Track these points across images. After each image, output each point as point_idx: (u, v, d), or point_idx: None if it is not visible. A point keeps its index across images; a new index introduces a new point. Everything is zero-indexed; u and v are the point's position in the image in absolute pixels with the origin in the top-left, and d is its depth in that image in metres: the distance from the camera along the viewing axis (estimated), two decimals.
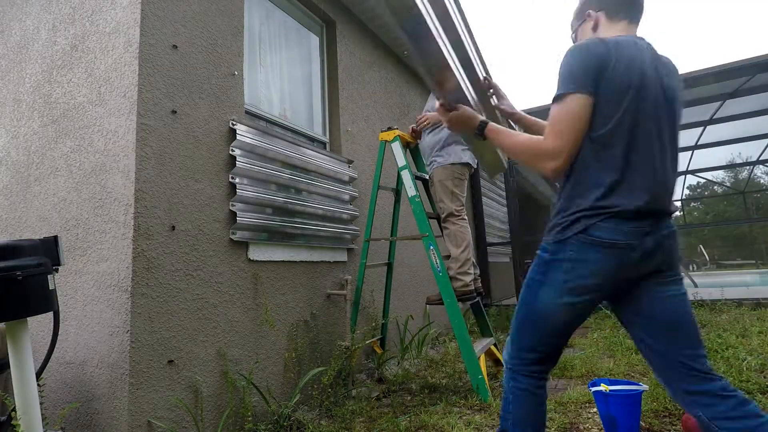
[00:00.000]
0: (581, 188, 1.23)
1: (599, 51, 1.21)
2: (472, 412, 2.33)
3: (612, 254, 1.17)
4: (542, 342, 1.29)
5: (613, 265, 1.18)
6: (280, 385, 2.50)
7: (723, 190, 20.23)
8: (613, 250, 1.17)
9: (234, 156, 2.39)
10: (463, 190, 2.95)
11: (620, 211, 1.17)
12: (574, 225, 1.21)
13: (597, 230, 1.18)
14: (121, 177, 1.93)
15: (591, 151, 1.22)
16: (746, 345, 3.21)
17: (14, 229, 2.37)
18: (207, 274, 2.16)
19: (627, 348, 3.40)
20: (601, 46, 1.22)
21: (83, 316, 1.95)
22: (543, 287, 1.26)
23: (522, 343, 1.31)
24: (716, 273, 12.95)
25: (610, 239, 1.17)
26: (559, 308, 1.24)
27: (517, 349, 1.32)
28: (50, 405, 1.95)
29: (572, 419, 2.12)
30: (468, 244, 2.85)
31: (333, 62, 3.66)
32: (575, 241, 1.20)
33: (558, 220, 1.27)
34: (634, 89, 1.20)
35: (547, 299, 1.25)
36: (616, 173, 1.19)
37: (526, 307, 1.31)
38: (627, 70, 1.20)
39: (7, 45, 2.67)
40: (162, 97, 2.05)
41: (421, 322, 4.31)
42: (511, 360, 1.33)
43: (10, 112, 2.54)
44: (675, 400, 1.33)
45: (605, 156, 1.21)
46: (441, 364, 3.34)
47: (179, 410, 1.93)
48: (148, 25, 2.03)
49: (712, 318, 4.52)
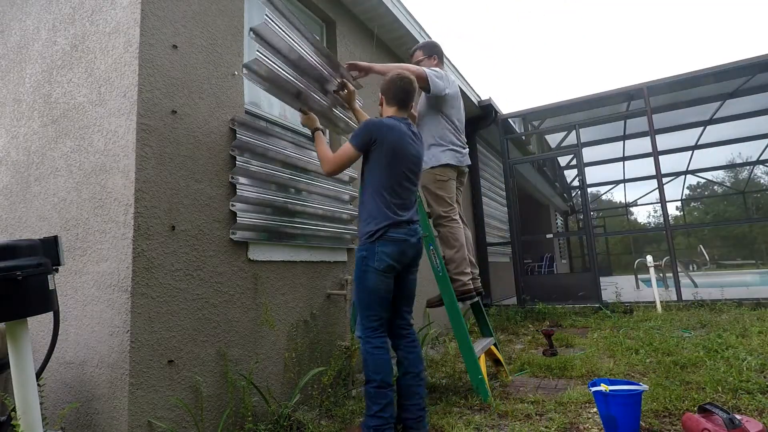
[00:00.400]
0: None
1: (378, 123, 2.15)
2: (472, 412, 2.33)
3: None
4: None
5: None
6: (280, 385, 2.50)
7: (723, 190, 20.23)
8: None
9: (234, 156, 2.39)
10: (449, 191, 2.88)
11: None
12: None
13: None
14: (121, 177, 1.93)
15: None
16: (746, 345, 3.22)
17: (14, 229, 2.37)
18: (207, 274, 2.16)
19: (627, 348, 3.41)
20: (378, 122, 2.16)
21: (83, 316, 1.95)
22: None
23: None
24: (716, 273, 12.94)
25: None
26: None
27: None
28: (50, 405, 1.95)
29: (572, 419, 2.12)
30: (461, 244, 2.81)
31: None
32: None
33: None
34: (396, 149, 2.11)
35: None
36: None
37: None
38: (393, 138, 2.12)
39: (7, 45, 2.67)
40: (162, 97, 2.05)
41: (421, 322, 4.31)
42: (364, 332, 2.06)
43: (10, 112, 2.54)
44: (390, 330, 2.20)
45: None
46: (441, 364, 3.34)
47: (179, 410, 1.93)
48: (148, 25, 2.03)
49: (712, 318, 4.52)
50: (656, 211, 29.46)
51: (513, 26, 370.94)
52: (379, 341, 2.05)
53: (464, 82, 6.11)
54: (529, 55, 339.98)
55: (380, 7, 3.97)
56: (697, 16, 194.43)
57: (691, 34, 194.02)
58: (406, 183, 2.15)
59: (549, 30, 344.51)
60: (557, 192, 13.27)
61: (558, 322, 5.06)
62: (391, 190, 2.09)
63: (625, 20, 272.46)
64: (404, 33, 4.42)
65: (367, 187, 2.15)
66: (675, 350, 3.22)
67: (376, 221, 2.06)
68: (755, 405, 2.10)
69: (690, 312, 5.05)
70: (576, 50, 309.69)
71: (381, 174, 2.09)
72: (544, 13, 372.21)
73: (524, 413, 2.22)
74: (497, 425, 2.13)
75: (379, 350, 2.03)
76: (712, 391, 2.33)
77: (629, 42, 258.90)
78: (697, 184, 22.60)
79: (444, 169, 2.87)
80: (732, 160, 15.57)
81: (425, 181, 2.91)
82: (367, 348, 2.03)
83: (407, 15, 4.37)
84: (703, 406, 1.81)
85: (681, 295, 5.63)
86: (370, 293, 2.06)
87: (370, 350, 2.02)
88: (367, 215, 2.10)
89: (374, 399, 1.97)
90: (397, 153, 2.10)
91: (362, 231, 2.11)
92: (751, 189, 17.74)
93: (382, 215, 2.06)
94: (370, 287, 2.05)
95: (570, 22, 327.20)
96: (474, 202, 6.93)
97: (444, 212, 2.85)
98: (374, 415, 1.95)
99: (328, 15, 3.64)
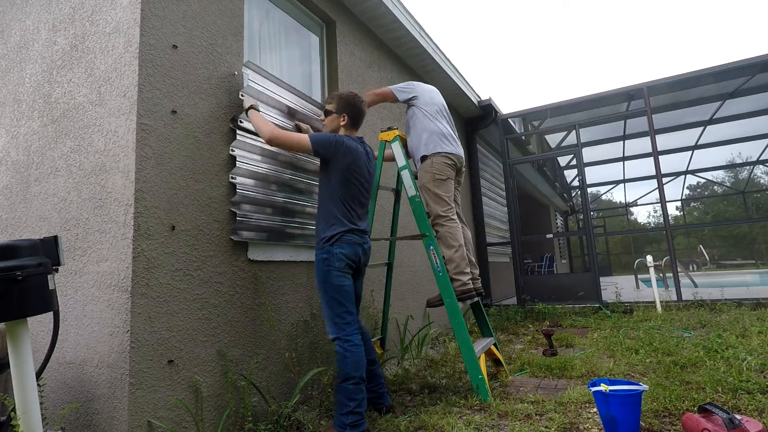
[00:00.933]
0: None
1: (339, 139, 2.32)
2: (472, 412, 2.33)
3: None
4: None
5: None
6: (280, 385, 2.50)
7: (723, 190, 20.24)
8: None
9: (234, 156, 2.39)
10: (447, 190, 2.89)
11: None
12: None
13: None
14: (121, 177, 1.93)
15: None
16: (746, 345, 3.21)
17: (14, 229, 2.37)
18: (207, 274, 2.16)
19: (627, 348, 3.41)
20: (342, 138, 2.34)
21: (83, 316, 1.95)
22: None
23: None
24: (716, 273, 12.94)
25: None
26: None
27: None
28: (50, 405, 1.95)
29: (572, 419, 2.12)
30: (460, 244, 2.81)
31: (333, 62, 3.66)
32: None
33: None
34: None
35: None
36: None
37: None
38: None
39: (7, 45, 2.67)
40: (162, 97, 2.05)
41: (421, 322, 4.31)
42: (339, 331, 2.14)
43: (10, 112, 2.54)
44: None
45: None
46: (441, 364, 3.34)
47: (179, 410, 1.93)
48: (148, 25, 2.03)
49: (712, 318, 4.52)
50: (656, 211, 29.52)
51: (513, 26, 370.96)
52: (356, 338, 2.15)
53: (464, 81, 6.11)
54: (529, 55, 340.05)
55: (380, 7, 3.97)
56: (697, 16, 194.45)
57: (691, 34, 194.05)
58: (359, 197, 2.35)
59: (549, 30, 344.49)
60: (557, 192, 13.27)
61: (558, 322, 5.06)
62: (347, 203, 2.28)
63: (625, 20, 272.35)
64: (404, 33, 4.42)
65: (324, 190, 2.31)
66: (675, 350, 3.22)
67: (334, 227, 2.23)
68: (755, 405, 2.10)
69: (690, 312, 5.05)
70: (576, 50, 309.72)
71: (339, 187, 2.27)
72: (544, 13, 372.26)
73: (524, 413, 2.22)
74: (497, 425, 2.13)
75: (358, 348, 2.13)
76: (712, 391, 2.33)
77: (629, 42, 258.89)
78: (697, 184, 22.63)
79: (442, 168, 2.87)
80: (732, 160, 15.58)
81: (424, 180, 2.91)
82: (346, 346, 2.11)
83: (407, 15, 4.37)
84: (703, 406, 1.81)
85: (681, 295, 5.63)
86: (337, 290, 2.17)
87: (350, 348, 2.11)
88: (326, 220, 2.26)
89: (352, 395, 2.05)
90: (353, 171, 2.29)
91: (321, 235, 2.26)
92: (751, 189, 17.75)
93: (339, 223, 2.24)
94: (337, 285, 2.17)
95: (570, 21, 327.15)
96: (474, 202, 6.93)
97: (443, 212, 2.85)
98: (351, 412, 2.02)
99: (328, 15, 3.63)
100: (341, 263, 2.20)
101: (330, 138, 2.30)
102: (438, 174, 2.86)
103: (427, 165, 2.90)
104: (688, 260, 12.81)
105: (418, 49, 4.76)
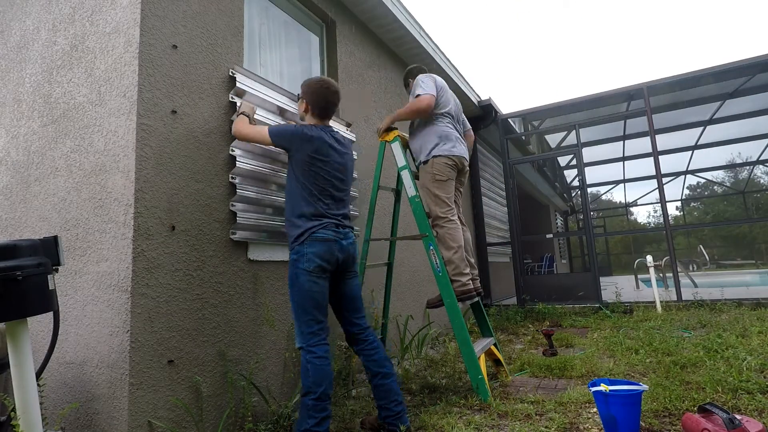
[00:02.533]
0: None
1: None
2: (472, 412, 2.33)
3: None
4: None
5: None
6: (280, 385, 2.50)
7: (723, 190, 20.24)
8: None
9: (234, 156, 2.39)
10: (447, 191, 2.87)
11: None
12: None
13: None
14: (121, 177, 1.93)
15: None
16: (746, 345, 3.21)
17: (14, 229, 2.37)
18: (207, 274, 2.16)
19: (627, 348, 3.41)
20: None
21: (83, 316, 1.95)
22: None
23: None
24: (716, 273, 12.94)
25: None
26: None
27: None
28: (50, 405, 1.95)
29: (572, 419, 2.12)
30: (459, 245, 2.80)
31: (333, 62, 3.66)
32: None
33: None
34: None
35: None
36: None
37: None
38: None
39: (7, 45, 2.67)
40: (162, 97, 2.05)
41: (421, 322, 4.31)
42: (304, 340, 1.97)
43: (10, 112, 2.54)
44: (347, 340, 2.30)
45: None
46: (441, 364, 3.34)
47: (179, 410, 1.93)
48: (148, 25, 2.03)
49: (712, 318, 4.52)
50: (656, 211, 29.51)
51: (513, 26, 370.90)
52: (321, 350, 1.95)
53: (464, 82, 6.12)
54: (529, 55, 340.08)
55: (380, 7, 3.97)
56: (697, 16, 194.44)
57: (691, 34, 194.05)
58: (330, 189, 2.14)
59: (549, 30, 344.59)
60: (557, 192, 13.27)
61: (558, 322, 5.06)
62: (314, 196, 2.09)
63: (625, 20, 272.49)
64: (404, 33, 4.42)
65: (289, 185, 2.16)
66: (675, 350, 3.22)
67: (302, 225, 2.05)
68: (755, 405, 2.10)
69: (690, 312, 5.05)
70: (576, 50, 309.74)
71: (303, 179, 2.09)
72: (544, 13, 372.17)
73: (524, 413, 2.22)
74: (497, 425, 2.13)
75: (322, 360, 1.93)
76: (712, 391, 2.33)
77: (629, 42, 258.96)
78: (697, 184, 22.64)
79: (443, 169, 2.86)
80: (732, 160, 15.59)
81: (424, 181, 2.91)
82: (309, 358, 1.92)
83: (407, 15, 4.37)
84: (703, 406, 1.81)
85: (681, 295, 5.63)
86: (303, 295, 1.98)
87: (312, 360, 1.92)
88: (292, 217, 2.09)
89: (311, 412, 1.86)
90: (317, 161, 2.10)
91: (289, 234, 2.10)
92: (751, 189, 17.76)
93: (306, 218, 2.05)
94: (303, 288, 1.98)
95: (570, 21, 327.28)
96: (474, 202, 6.93)
97: (442, 213, 2.84)
98: (308, 430, 1.84)
99: (328, 15, 3.64)
100: (311, 264, 1.98)
101: (287, 127, 2.16)
102: (438, 175, 2.86)
103: (427, 166, 2.90)
104: (688, 260, 12.81)
105: (418, 49, 4.76)
